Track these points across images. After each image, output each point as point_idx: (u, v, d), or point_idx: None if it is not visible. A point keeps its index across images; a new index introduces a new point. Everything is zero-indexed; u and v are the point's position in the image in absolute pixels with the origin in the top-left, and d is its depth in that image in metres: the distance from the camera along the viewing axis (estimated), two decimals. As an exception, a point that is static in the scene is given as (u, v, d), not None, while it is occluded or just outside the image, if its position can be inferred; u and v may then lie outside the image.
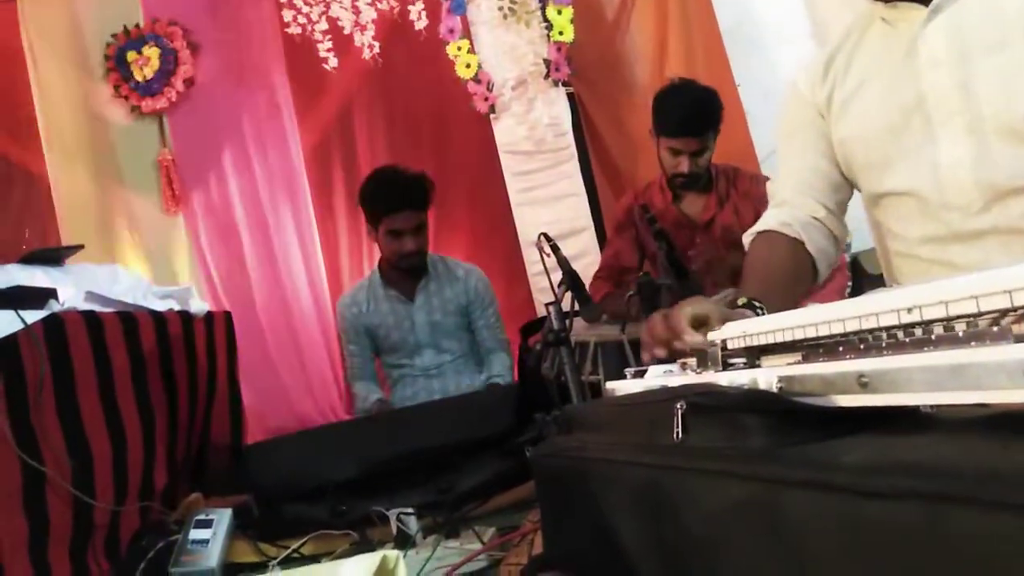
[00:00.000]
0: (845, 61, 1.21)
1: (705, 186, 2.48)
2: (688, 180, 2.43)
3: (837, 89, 1.21)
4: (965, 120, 1.03)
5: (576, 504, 0.71)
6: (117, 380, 1.35)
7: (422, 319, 2.54)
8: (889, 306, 0.48)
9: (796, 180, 1.28)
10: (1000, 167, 1.01)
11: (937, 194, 1.07)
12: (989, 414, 0.41)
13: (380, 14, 3.30)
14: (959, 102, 1.03)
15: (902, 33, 1.11)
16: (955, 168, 1.04)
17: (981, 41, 1.01)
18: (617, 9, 3.24)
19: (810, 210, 1.25)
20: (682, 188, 2.48)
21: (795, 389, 0.51)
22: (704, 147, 2.39)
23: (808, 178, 1.26)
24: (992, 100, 1.00)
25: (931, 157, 1.07)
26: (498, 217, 3.28)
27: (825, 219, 1.25)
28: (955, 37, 1.04)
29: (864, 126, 1.17)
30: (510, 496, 1.33)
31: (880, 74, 1.14)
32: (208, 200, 3.39)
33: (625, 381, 0.79)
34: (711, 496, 0.49)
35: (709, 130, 2.39)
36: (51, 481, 1.18)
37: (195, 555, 1.21)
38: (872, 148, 1.16)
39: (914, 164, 1.09)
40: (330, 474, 1.41)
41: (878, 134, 1.14)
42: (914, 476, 0.36)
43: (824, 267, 1.25)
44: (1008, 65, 0.99)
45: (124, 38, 3.41)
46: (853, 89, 1.19)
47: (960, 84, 1.03)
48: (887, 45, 1.14)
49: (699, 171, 2.41)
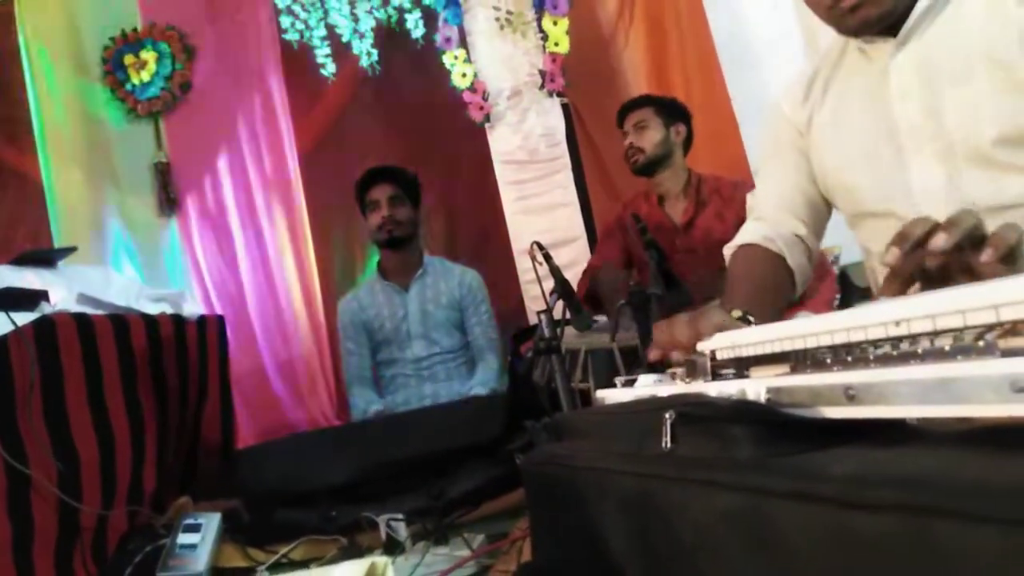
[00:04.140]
0: (823, 86, 1.24)
1: (684, 190, 2.55)
2: (639, 157, 2.53)
3: (816, 113, 1.24)
4: (936, 147, 1.05)
5: (565, 512, 0.71)
6: (107, 383, 1.35)
7: (415, 308, 2.59)
8: (877, 319, 0.49)
9: (778, 197, 1.30)
10: (972, 190, 1.03)
11: (913, 216, 1.09)
12: (975, 428, 0.41)
13: (378, 22, 3.31)
14: (929, 130, 1.06)
15: (874, 61, 1.13)
16: (928, 192, 1.06)
17: (947, 72, 1.04)
18: (613, 22, 3.26)
19: (791, 227, 1.27)
20: (641, 170, 2.56)
21: (783, 400, 0.51)
22: (642, 120, 2.54)
23: (790, 196, 1.29)
24: (960, 128, 1.03)
25: (904, 183, 1.09)
26: (492, 225, 3.29)
27: (806, 237, 1.27)
28: (923, 68, 1.06)
29: (839, 151, 1.19)
30: (500, 503, 1.33)
31: (855, 101, 1.17)
32: (202, 204, 3.39)
33: (615, 390, 0.79)
34: (698, 506, 0.50)
35: (643, 106, 2.57)
36: (36, 484, 1.18)
37: (183, 559, 1.20)
38: (847, 172, 1.18)
39: (889, 188, 1.11)
40: (320, 479, 1.41)
41: (853, 160, 1.16)
42: (900, 488, 0.36)
43: (801, 283, 1.28)
44: (974, 95, 1.01)
45: (121, 41, 3.42)
46: (829, 114, 1.21)
47: (930, 113, 1.05)
48: (861, 73, 1.16)
49: (647, 145, 2.52)
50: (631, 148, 2.54)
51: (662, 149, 2.53)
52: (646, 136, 2.52)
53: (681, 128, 2.57)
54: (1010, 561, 0.30)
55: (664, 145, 2.53)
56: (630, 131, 2.56)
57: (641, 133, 2.53)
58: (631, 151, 2.54)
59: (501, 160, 3.29)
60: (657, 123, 2.54)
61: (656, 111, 2.55)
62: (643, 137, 2.52)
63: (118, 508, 1.33)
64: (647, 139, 2.52)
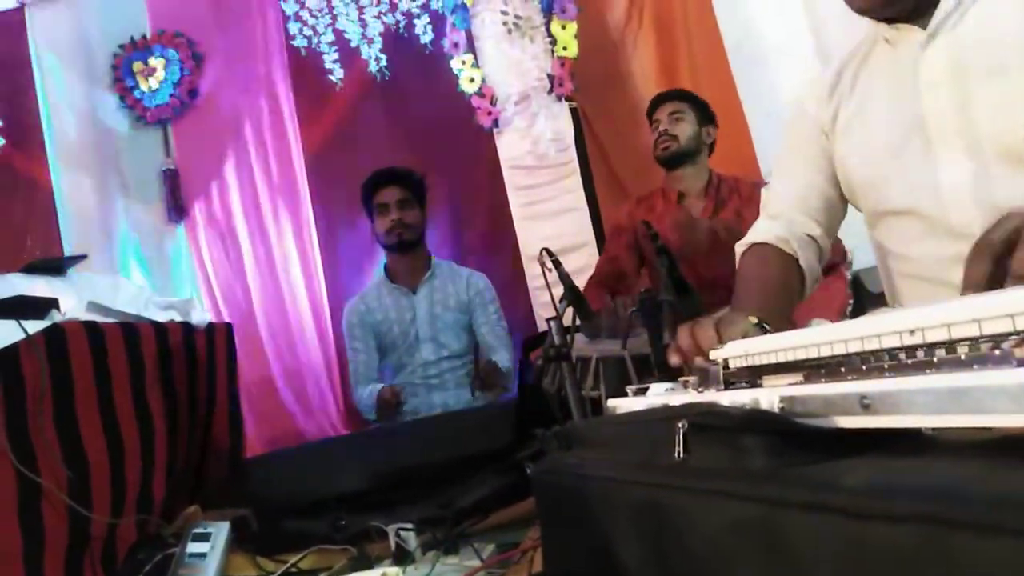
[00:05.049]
0: (851, 80, 1.22)
1: (705, 190, 2.54)
2: (671, 145, 2.51)
3: (842, 107, 1.22)
4: (965, 142, 1.04)
5: (576, 522, 0.70)
6: (117, 391, 1.35)
7: (423, 311, 2.59)
8: (892, 327, 0.48)
9: (794, 195, 1.28)
10: (1000, 188, 1.01)
11: (938, 213, 1.07)
12: (991, 438, 0.41)
13: (386, 27, 3.32)
14: (958, 124, 1.04)
15: (903, 54, 1.11)
16: (955, 188, 1.05)
17: (980, 65, 1.02)
18: (622, 26, 3.26)
19: (806, 227, 1.26)
20: (669, 159, 2.53)
21: (797, 409, 0.50)
22: (679, 111, 2.53)
23: (806, 195, 1.27)
24: (991, 124, 1.01)
25: (931, 177, 1.07)
26: (500, 231, 3.29)
27: (819, 238, 1.26)
28: (954, 61, 1.04)
29: (865, 144, 1.17)
30: (510, 512, 1.33)
31: (882, 94, 1.15)
32: (210, 211, 3.40)
33: (627, 399, 0.78)
34: (711, 516, 0.49)
35: (680, 99, 2.56)
36: (47, 492, 1.18)
37: (192, 568, 1.20)
38: (872, 166, 1.16)
39: (914, 183, 1.10)
40: (329, 488, 1.40)
41: (878, 152, 1.15)
42: (915, 499, 0.36)
43: (811, 285, 1.27)
44: (1007, 90, 0.99)
45: (131, 48, 3.44)
46: (856, 107, 1.20)
47: (959, 107, 1.04)
48: (890, 65, 1.15)
49: (680, 135, 2.50)
50: (664, 135, 2.52)
51: (694, 144, 2.52)
52: (681, 126, 2.52)
53: (712, 131, 2.57)
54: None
55: (696, 140, 2.53)
56: (663, 119, 2.53)
57: (677, 123, 2.52)
58: (663, 137, 2.52)
59: (509, 165, 3.29)
60: (692, 118, 2.54)
61: (691, 107, 2.55)
62: (678, 126, 2.52)
63: (128, 516, 1.33)
64: (682, 129, 2.51)
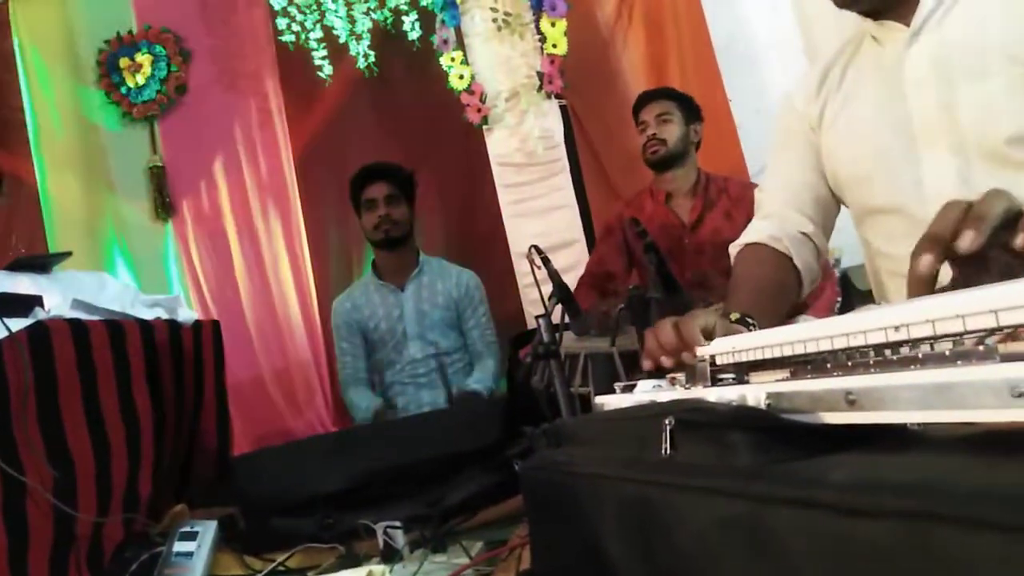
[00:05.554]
0: (838, 76, 1.22)
1: (693, 189, 2.53)
2: (660, 149, 2.50)
3: (829, 104, 1.22)
4: (949, 141, 1.04)
5: (564, 519, 0.70)
6: (102, 389, 1.34)
7: (411, 307, 2.57)
8: (877, 324, 0.48)
9: (786, 193, 1.28)
10: (983, 187, 1.02)
11: (922, 211, 1.08)
12: (975, 433, 0.41)
13: (375, 24, 3.31)
14: (943, 123, 1.05)
15: (889, 52, 1.12)
16: (939, 187, 1.05)
17: (963, 66, 1.03)
18: (612, 24, 3.26)
19: (799, 224, 1.25)
20: (658, 163, 2.52)
21: (783, 406, 0.51)
22: (666, 113, 2.51)
23: (798, 192, 1.27)
24: (975, 124, 1.02)
25: (915, 175, 1.08)
26: (489, 228, 3.29)
27: (813, 234, 1.25)
28: (938, 60, 1.05)
29: (851, 141, 1.18)
30: (498, 510, 1.32)
31: (869, 91, 1.16)
32: (198, 207, 3.39)
33: (615, 395, 0.78)
34: (698, 512, 0.49)
35: (667, 99, 2.54)
36: (32, 491, 1.17)
37: (179, 567, 1.19)
38: (858, 163, 1.17)
39: (899, 180, 1.10)
40: (317, 486, 1.40)
41: (864, 149, 1.15)
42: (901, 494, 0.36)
43: (808, 283, 1.26)
44: (990, 91, 1.00)
45: (117, 44, 3.42)
46: (843, 104, 1.20)
47: (944, 106, 1.04)
48: (876, 63, 1.15)
49: (669, 139, 2.49)
50: (653, 139, 2.50)
51: (682, 145, 2.52)
52: (669, 129, 2.51)
53: (698, 128, 2.57)
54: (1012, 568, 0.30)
55: (683, 142, 2.52)
56: (651, 122, 2.52)
57: (664, 126, 2.51)
58: (652, 142, 2.51)
59: (499, 162, 3.29)
60: (679, 118, 2.53)
61: (678, 106, 2.54)
62: (666, 129, 2.50)
63: (114, 515, 1.32)
64: (670, 132, 2.50)
